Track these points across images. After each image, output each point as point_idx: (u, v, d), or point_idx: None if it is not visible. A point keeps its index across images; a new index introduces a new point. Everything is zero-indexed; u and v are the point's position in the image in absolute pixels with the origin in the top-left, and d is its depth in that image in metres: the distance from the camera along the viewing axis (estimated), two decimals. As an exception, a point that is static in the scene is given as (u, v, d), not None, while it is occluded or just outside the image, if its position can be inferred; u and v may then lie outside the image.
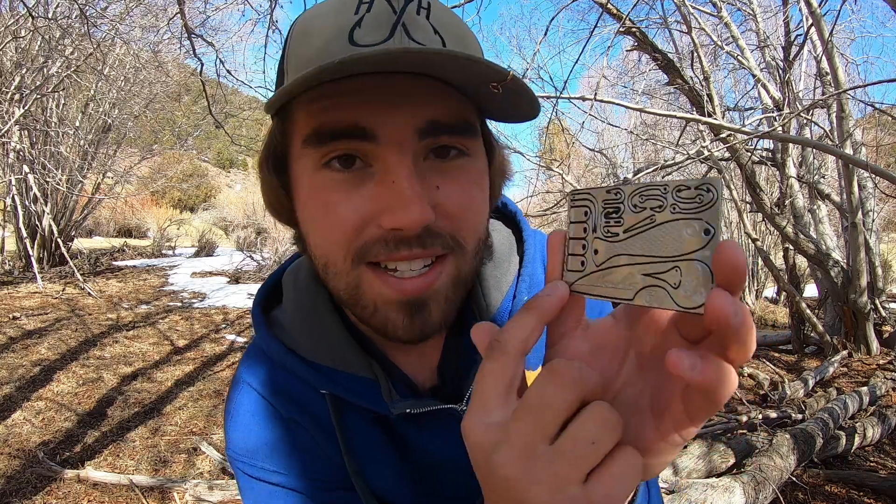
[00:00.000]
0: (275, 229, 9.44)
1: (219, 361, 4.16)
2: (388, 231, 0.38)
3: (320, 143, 0.38)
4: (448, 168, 0.40)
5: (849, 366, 4.23)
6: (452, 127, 0.39)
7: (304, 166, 0.41)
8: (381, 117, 0.37)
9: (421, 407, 0.47)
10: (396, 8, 0.38)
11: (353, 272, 0.40)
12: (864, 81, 4.72)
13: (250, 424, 0.51)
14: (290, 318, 0.52)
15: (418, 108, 0.38)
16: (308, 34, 0.40)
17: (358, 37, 0.38)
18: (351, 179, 0.39)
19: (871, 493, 2.22)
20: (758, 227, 7.50)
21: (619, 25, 3.70)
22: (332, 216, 0.39)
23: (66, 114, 7.82)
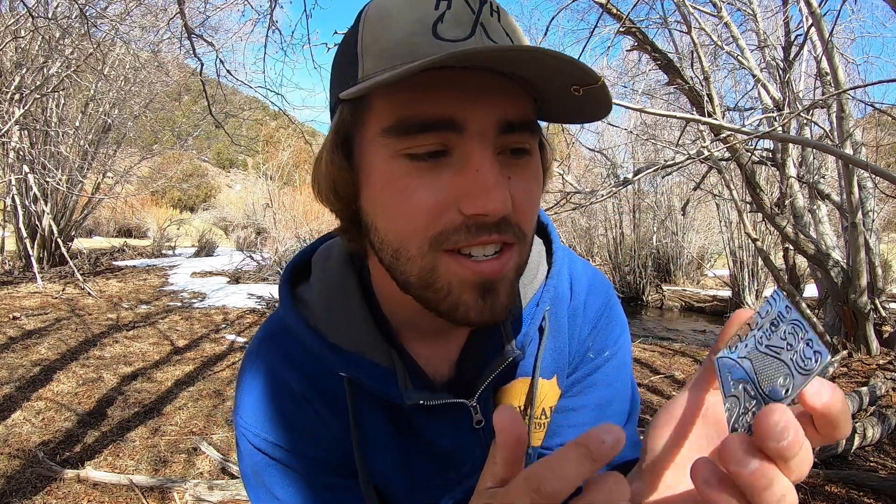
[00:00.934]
0: (275, 229, 9.44)
1: (219, 361, 4.16)
2: (469, 217, 0.39)
3: (405, 134, 0.39)
4: (516, 163, 0.42)
5: (849, 366, 4.23)
6: (523, 124, 0.41)
7: (379, 154, 0.41)
8: (468, 110, 0.39)
9: (434, 399, 0.49)
10: (474, 8, 0.40)
11: (428, 256, 0.41)
12: (864, 81, 4.72)
13: (261, 395, 0.52)
14: (317, 297, 0.53)
15: (498, 103, 0.40)
16: (387, 22, 0.40)
17: (441, 31, 0.39)
18: (430, 168, 0.40)
19: (871, 493, 2.22)
20: (758, 227, 7.50)
21: (619, 25, 3.70)
22: (409, 203, 0.40)
23: (66, 114, 7.82)
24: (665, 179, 10.46)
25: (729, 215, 9.15)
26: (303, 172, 12.95)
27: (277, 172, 10.62)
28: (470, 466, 0.54)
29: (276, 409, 0.51)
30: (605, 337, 0.60)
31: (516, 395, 0.56)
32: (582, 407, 0.59)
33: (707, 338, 6.56)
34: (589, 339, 0.59)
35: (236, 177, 34.47)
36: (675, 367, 4.46)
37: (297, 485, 0.51)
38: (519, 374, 0.55)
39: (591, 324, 0.60)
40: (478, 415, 0.52)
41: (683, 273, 11.69)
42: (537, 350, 0.55)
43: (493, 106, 0.39)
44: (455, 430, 0.52)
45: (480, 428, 0.53)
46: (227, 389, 3.55)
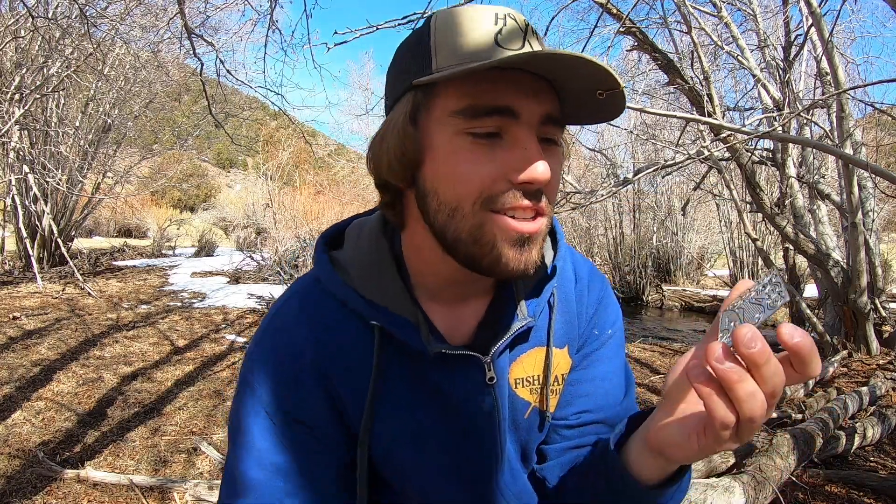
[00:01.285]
0: (275, 229, 9.44)
1: (219, 361, 4.16)
2: (518, 184, 0.49)
3: (473, 116, 0.49)
4: (548, 150, 0.52)
5: (849, 366, 4.23)
6: (557, 120, 0.52)
7: (445, 131, 0.51)
8: (522, 102, 0.49)
9: (454, 350, 0.56)
10: (521, 28, 0.51)
11: (479, 214, 0.50)
12: (864, 81, 4.72)
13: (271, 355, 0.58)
14: (351, 259, 0.61)
15: (542, 100, 0.51)
16: (458, 29, 0.51)
17: (501, 41, 0.50)
18: (487, 145, 0.50)
19: (871, 493, 2.22)
20: (758, 227, 7.50)
21: (619, 25, 3.70)
22: (470, 171, 0.50)
23: (66, 114, 7.82)
24: (665, 179, 10.45)
25: (729, 215, 9.15)
26: (303, 172, 12.96)
27: (277, 172, 10.62)
28: (479, 420, 0.60)
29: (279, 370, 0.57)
30: (606, 317, 0.70)
31: (532, 363, 0.63)
32: (591, 379, 0.67)
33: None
34: (595, 317, 0.69)
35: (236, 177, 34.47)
36: (675, 367, 4.46)
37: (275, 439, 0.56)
38: (534, 344, 0.63)
39: (595, 304, 0.69)
40: (490, 371, 0.58)
41: (683, 273, 11.68)
42: (549, 322, 0.63)
43: (540, 102, 0.50)
44: (469, 383, 0.58)
45: (492, 385, 0.59)
46: (227, 389, 3.55)
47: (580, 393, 0.67)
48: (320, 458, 0.57)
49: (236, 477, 0.56)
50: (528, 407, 0.63)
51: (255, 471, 0.55)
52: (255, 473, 0.55)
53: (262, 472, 0.55)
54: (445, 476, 0.61)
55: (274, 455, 0.55)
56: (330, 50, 3.27)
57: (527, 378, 0.63)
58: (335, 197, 11.78)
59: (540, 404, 0.64)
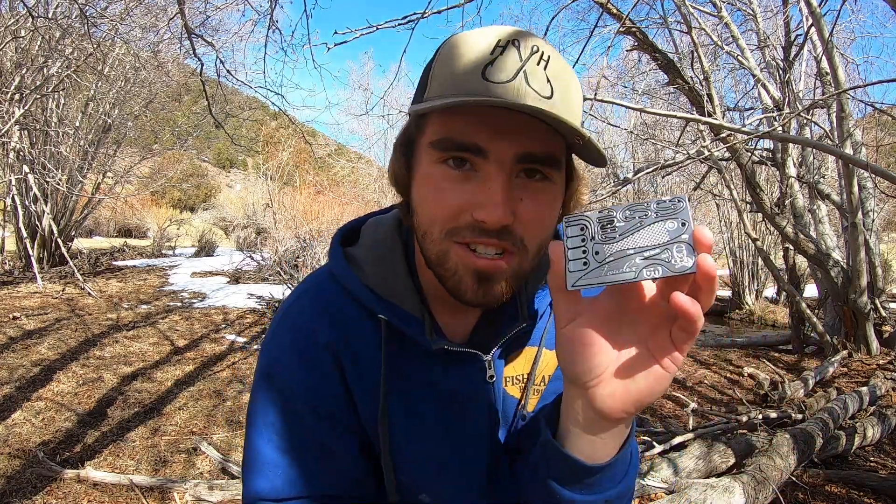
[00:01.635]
0: (275, 229, 9.43)
1: (219, 361, 4.16)
2: (476, 221, 0.50)
3: (444, 149, 0.51)
4: (532, 187, 0.52)
5: (849, 366, 4.23)
6: (542, 159, 0.51)
7: (427, 159, 0.53)
8: (493, 142, 0.49)
9: (456, 346, 0.59)
10: (522, 56, 0.49)
11: (444, 242, 0.52)
12: (864, 81, 4.72)
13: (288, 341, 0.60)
14: (365, 255, 0.63)
15: (521, 139, 0.50)
16: (452, 59, 0.51)
17: (488, 74, 0.49)
18: (459, 177, 0.51)
19: (871, 493, 2.22)
20: (758, 227, 7.49)
21: (619, 25, 3.70)
22: (439, 200, 0.52)
23: (66, 114, 7.82)
24: (665, 179, 10.45)
25: (729, 215, 9.15)
26: (303, 172, 12.96)
27: (277, 172, 10.62)
28: (478, 417, 0.62)
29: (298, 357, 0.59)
30: None
31: (522, 361, 0.64)
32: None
33: (707, 337, 6.55)
34: None
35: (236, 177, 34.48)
36: (675, 367, 4.46)
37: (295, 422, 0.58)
38: (526, 344, 0.65)
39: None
40: (491, 370, 0.61)
41: (683, 273, 11.67)
42: (546, 324, 0.65)
43: (513, 141, 0.49)
44: (470, 380, 0.61)
45: (492, 382, 0.61)
46: (227, 389, 3.55)
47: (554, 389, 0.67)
48: (340, 440, 0.59)
49: (257, 458, 0.58)
50: (518, 404, 0.65)
51: (276, 453, 0.57)
52: (276, 456, 0.57)
53: (283, 455, 0.57)
54: (445, 470, 0.62)
55: (295, 438, 0.58)
56: (330, 50, 3.27)
57: (516, 377, 0.64)
58: (335, 197, 11.77)
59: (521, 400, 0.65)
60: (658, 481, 2.05)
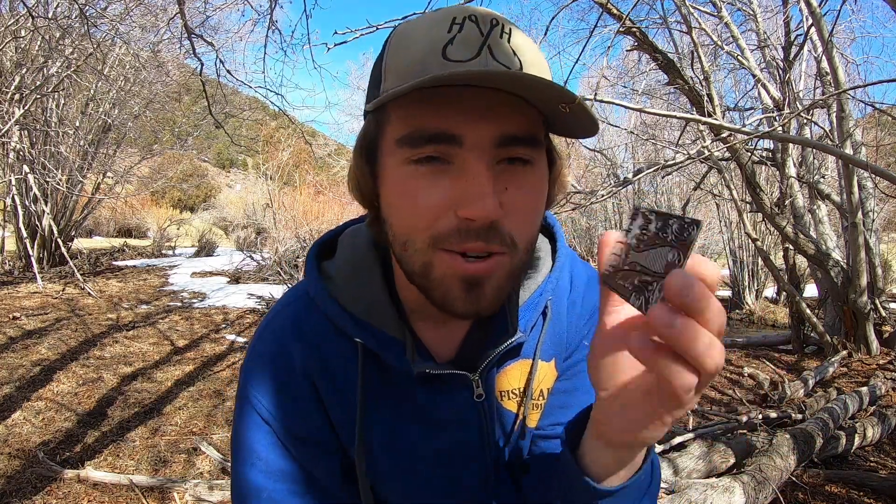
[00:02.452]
0: (275, 229, 9.43)
1: (219, 361, 4.16)
2: (461, 220, 0.44)
3: (413, 145, 0.44)
4: (515, 173, 0.46)
5: (849, 366, 4.23)
6: (523, 139, 0.45)
7: (393, 160, 0.46)
8: (467, 126, 0.43)
9: (439, 369, 0.54)
10: (483, 31, 0.44)
11: (428, 252, 0.46)
12: (864, 81, 4.72)
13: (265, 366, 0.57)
14: (340, 271, 0.58)
15: (498, 120, 0.44)
16: (406, 45, 0.46)
17: (450, 53, 0.43)
18: (432, 174, 0.45)
19: (871, 493, 2.22)
20: (758, 227, 7.49)
21: (619, 25, 3.70)
22: (414, 205, 0.45)
23: (66, 114, 7.82)
24: (665, 179, 10.45)
25: (729, 215, 9.14)
26: (303, 172, 12.94)
27: (277, 172, 10.61)
28: (469, 438, 0.58)
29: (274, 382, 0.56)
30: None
31: (517, 375, 0.60)
32: (575, 390, 0.64)
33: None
34: (584, 328, 0.65)
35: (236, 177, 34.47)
36: (675, 367, 4.46)
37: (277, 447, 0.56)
38: (521, 356, 0.60)
39: (588, 315, 0.65)
40: (479, 389, 0.56)
41: (683, 273, 11.67)
42: (539, 334, 0.60)
43: (490, 122, 0.43)
44: (456, 402, 0.56)
45: (481, 402, 0.57)
46: (227, 389, 3.55)
47: (563, 404, 0.64)
48: (321, 464, 0.57)
49: (242, 486, 0.56)
50: (515, 419, 0.62)
51: (260, 477, 0.55)
52: (260, 480, 0.55)
53: (267, 478, 0.55)
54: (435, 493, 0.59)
55: (278, 462, 0.56)
56: (330, 50, 3.27)
57: (512, 390, 0.60)
58: (335, 197, 11.76)
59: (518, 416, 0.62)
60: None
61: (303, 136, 6.05)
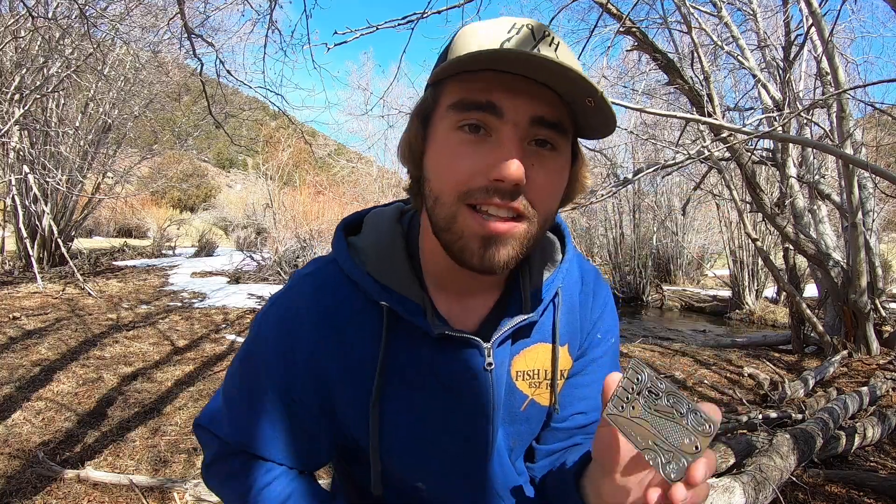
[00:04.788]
0: (275, 229, 9.43)
1: (219, 361, 4.16)
2: (490, 182, 0.51)
3: (462, 109, 0.52)
4: (542, 155, 0.53)
5: (849, 366, 4.23)
6: (552, 123, 0.52)
7: (444, 124, 0.54)
8: (508, 100, 0.51)
9: (456, 332, 0.59)
10: (536, 37, 0.52)
11: (454, 206, 0.53)
12: (864, 81, 4.71)
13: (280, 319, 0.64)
14: (368, 244, 0.65)
15: (534, 102, 0.51)
16: (470, 37, 0.54)
17: (506, 46, 0.51)
18: (475, 141, 0.52)
19: (871, 493, 2.22)
20: (758, 227, 7.49)
21: (619, 25, 3.70)
22: (454, 164, 0.53)
23: (66, 114, 7.82)
24: (665, 179, 10.45)
25: (729, 215, 9.14)
26: (303, 172, 12.95)
27: (277, 172, 10.61)
28: (475, 404, 0.63)
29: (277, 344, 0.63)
30: (612, 322, 0.74)
31: (535, 357, 0.66)
32: (590, 383, 0.70)
33: (707, 338, 6.55)
34: (600, 321, 0.72)
35: (236, 177, 34.48)
36: (675, 367, 4.46)
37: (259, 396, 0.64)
38: (537, 340, 0.66)
39: (601, 309, 0.73)
40: (489, 357, 0.61)
41: (683, 273, 11.68)
42: (553, 320, 0.66)
43: (527, 102, 0.51)
44: (468, 367, 0.61)
45: (490, 370, 0.61)
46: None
47: (578, 396, 0.70)
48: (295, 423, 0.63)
49: (217, 398, 0.67)
50: (526, 400, 0.66)
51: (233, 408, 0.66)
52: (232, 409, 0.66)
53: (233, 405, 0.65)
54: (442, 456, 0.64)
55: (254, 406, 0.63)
56: (329, 50, 3.27)
57: (527, 372, 0.65)
58: (335, 197, 11.77)
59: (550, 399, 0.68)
60: (658, 481, 2.04)
61: (303, 136, 6.05)
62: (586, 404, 0.70)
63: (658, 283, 10.55)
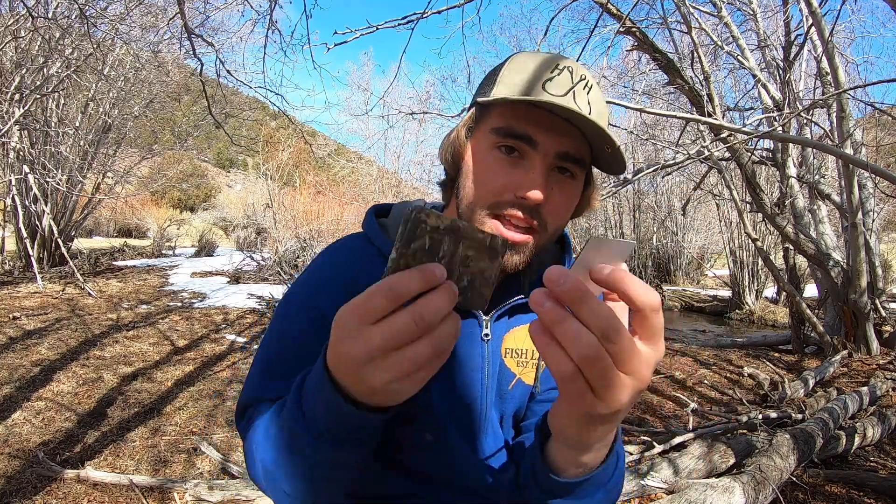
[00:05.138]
0: (275, 229, 9.43)
1: (219, 361, 4.16)
2: (517, 199, 0.61)
3: (503, 135, 0.63)
4: (562, 181, 0.64)
5: (849, 366, 4.23)
6: (574, 158, 0.63)
7: (485, 142, 0.65)
8: (542, 135, 0.62)
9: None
10: (574, 80, 0.62)
11: (483, 213, 0.63)
12: (864, 81, 4.72)
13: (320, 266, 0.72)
14: (395, 224, 0.73)
15: (563, 139, 0.62)
16: (520, 69, 0.64)
17: (548, 87, 0.62)
18: (510, 162, 0.63)
19: (871, 493, 2.22)
20: (758, 227, 7.49)
21: (619, 25, 3.70)
22: (489, 178, 0.63)
23: (66, 114, 7.82)
24: (665, 179, 10.45)
25: (729, 215, 9.14)
26: (303, 172, 12.94)
27: (277, 172, 10.61)
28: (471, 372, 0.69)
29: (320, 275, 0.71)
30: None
31: (523, 336, 0.72)
32: None
33: (707, 338, 6.55)
34: None
35: (236, 177, 34.49)
36: (675, 367, 4.46)
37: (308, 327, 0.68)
38: (529, 320, 0.70)
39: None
40: (486, 329, 0.69)
41: (683, 273, 11.68)
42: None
43: (558, 139, 0.62)
44: (466, 335, 0.68)
45: (487, 342, 0.69)
46: (228, 389, 3.55)
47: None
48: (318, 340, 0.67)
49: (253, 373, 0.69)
50: (514, 379, 0.72)
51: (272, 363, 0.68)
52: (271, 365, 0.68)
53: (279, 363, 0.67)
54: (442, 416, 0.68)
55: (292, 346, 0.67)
56: (329, 50, 3.27)
57: (516, 349, 0.72)
58: (335, 197, 11.76)
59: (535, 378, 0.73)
60: (658, 481, 2.04)
61: (303, 136, 6.05)
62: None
63: (658, 283, 10.55)
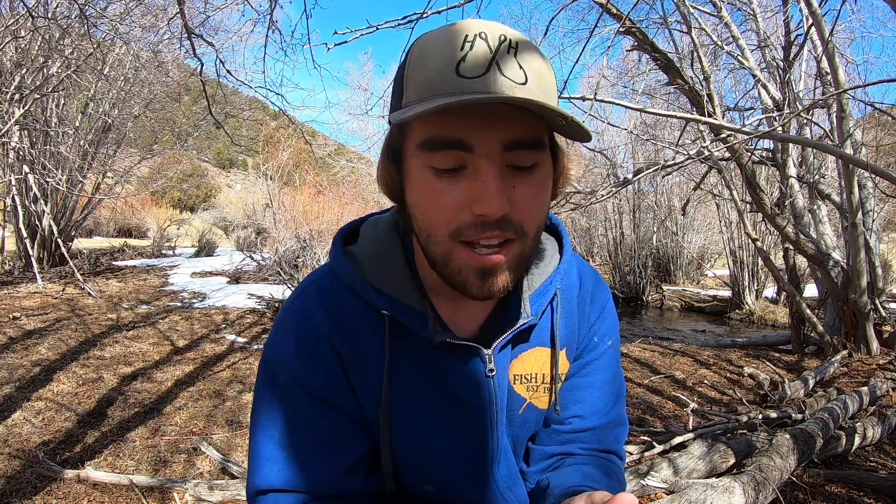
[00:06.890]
0: (275, 229, 9.43)
1: (219, 361, 4.16)
2: (476, 216, 0.51)
3: (430, 150, 0.51)
4: (522, 174, 0.52)
5: (849, 366, 4.23)
6: (527, 143, 0.51)
7: (416, 163, 0.53)
8: (476, 134, 0.49)
9: (458, 340, 0.59)
10: (492, 48, 0.49)
11: (448, 244, 0.53)
12: (864, 81, 4.71)
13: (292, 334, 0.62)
14: (366, 253, 0.64)
15: (505, 128, 0.50)
16: (424, 61, 0.51)
17: (462, 70, 0.48)
18: (451, 178, 0.51)
19: (871, 493, 2.22)
20: (758, 227, 7.50)
21: (619, 25, 3.70)
22: (436, 203, 0.52)
23: (66, 114, 7.82)
24: (665, 179, 10.46)
25: (729, 215, 9.15)
26: (303, 172, 12.94)
27: (277, 172, 10.60)
28: (478, 410, 0.63)
29: (300, 348, 0.61)
30: (610, 325, 0.73)
31: (532, 361, 0.66)
32: (587, 386, 0.71)
33: (707, 338, 6.55)
34: (597, 324, 0.72)
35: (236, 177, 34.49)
36: (675, 367, 4.46)
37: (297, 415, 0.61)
38: (535, 344, 0.66)
39: (598, 312, 0.72)
40: (490, 364, 0.61)
41: (683, 273, 11.68)
42: (552, 324, 0.66)
43: (498, 131, 0.49)
44: (470, 374, 0.61)
45: (492, 376, 0.62)
46: (228, 389, 3.55)
47: (576, 399, 0.70)
48: (338, 427, 0.61)
49: (258, 452, 0.61)
50: (524, 403, 0.67)
51: (275, 447, 0.60)
52: (274, 449, 0.60)
53: (280, 447, 0.60)
54: (447, 461, 0.64)
55: (294, 427, 0.60)
56: (330, 50, 3.27)
57: (525, 375, 0.66)
58: (335, 197, 11.76)
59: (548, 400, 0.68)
60: (658, 481, 2.04)
61: (303, 136, 6.05)
62: (583, 408, 0.70)
63: (658, 283, 10.55)
